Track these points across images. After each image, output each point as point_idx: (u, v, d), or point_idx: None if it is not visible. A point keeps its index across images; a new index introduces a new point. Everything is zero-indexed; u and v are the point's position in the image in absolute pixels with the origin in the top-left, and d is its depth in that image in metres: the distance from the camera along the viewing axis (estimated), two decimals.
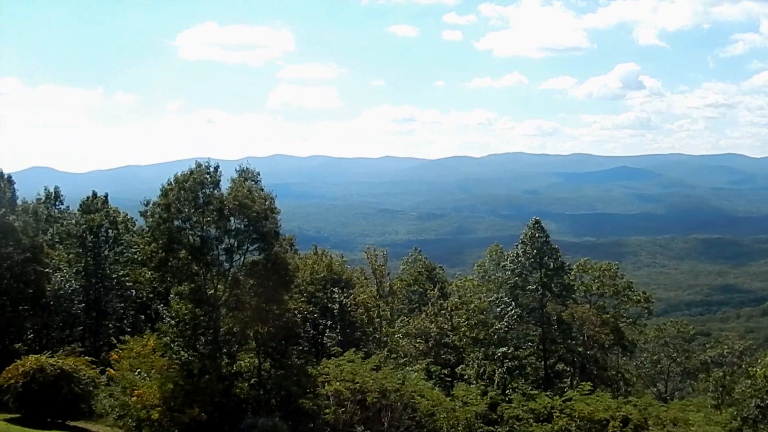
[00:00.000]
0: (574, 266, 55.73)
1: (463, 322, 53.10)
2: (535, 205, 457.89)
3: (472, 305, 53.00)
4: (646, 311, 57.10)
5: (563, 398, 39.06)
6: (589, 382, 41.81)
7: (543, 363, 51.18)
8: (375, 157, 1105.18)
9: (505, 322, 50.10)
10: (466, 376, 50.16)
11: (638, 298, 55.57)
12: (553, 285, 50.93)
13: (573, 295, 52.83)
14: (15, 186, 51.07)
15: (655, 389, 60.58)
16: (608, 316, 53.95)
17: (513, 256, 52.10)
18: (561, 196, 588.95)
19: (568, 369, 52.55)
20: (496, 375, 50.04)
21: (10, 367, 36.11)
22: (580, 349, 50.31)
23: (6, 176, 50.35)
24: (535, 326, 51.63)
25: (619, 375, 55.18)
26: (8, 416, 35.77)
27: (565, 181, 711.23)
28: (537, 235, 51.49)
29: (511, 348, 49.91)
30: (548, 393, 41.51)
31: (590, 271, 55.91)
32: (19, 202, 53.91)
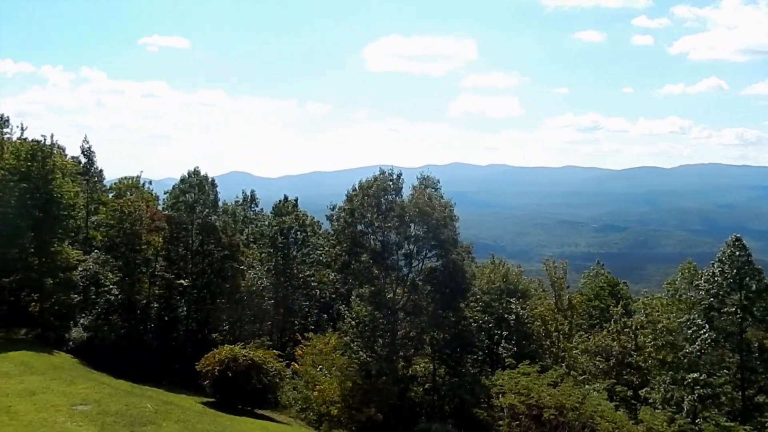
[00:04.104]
0: None
1: (650, 342, 50.01)
2: (731, 221, 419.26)
3: (660, 325, 49.76)
4: None
5: None
6: None
7: (740, 393, 46.69)
8: (556, 166, 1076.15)
9: (698, 345, 46.47)
10: (650, 400, 47.11)
11: None
12: (755, 309, 46.45)
13: None
14: (217, 189, 55.48)
15: None
16: None
17: (708, 275, 48.14)
18: (764, 212, 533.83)
19: None
20: (686, 402, 46.48)
21: (208, 355, 39.31)
22: None
23: (210, 179, 54.91)
24: (732, 352, 47.33)
25: None
26: (204, 399, 38.90)
27: None
28: (737, 253, 47.17)
29: (704, 374, 46.16)
30: (746, 427, 37.73)
31: None
32: (220, 203, 58.64)
